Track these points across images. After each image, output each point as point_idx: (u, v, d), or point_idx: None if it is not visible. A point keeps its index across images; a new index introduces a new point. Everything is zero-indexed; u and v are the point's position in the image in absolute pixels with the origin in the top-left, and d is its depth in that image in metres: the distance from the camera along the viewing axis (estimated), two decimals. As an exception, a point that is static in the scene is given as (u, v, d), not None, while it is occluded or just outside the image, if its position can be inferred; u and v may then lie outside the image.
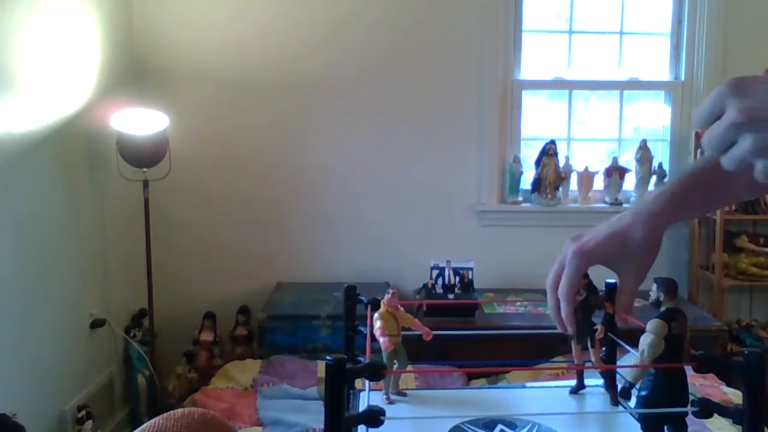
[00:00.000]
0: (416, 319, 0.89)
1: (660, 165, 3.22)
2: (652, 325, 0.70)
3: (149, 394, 2.90)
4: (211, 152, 3.15)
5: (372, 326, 0.84)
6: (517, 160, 3.18)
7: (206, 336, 3.07)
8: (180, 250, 3.18)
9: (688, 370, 0.67)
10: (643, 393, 0.69)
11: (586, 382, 0.94)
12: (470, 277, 2.91)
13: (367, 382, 0.70)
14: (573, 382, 0.94)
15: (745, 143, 0.52)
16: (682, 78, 3.24)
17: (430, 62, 3.15)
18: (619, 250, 0.75)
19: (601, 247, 0.76)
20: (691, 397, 0.67)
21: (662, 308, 0.71)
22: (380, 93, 3.16)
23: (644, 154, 3.18)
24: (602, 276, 0.98)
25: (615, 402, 0.86)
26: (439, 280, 2.89)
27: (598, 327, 0.82)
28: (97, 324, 2.68)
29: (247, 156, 3.18)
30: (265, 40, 3.12)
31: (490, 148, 3.17)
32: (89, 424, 2.44)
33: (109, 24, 2.84)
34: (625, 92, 3.32)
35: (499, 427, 0.76)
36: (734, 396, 2.15)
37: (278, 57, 3.13)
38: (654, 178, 3.22)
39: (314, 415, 2.29)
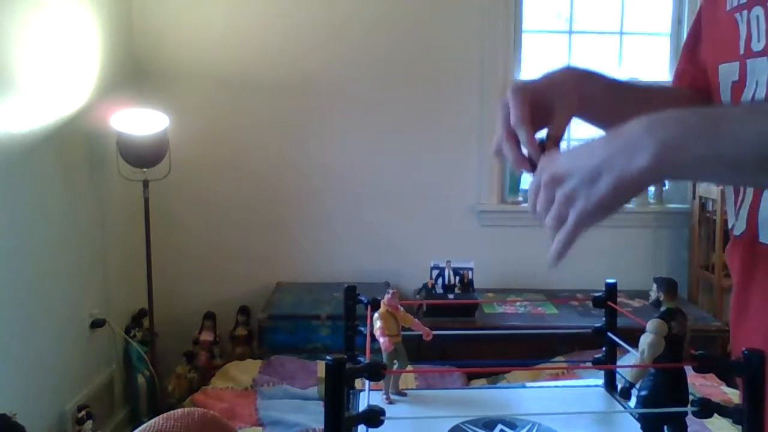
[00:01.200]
0: (416, 319, 0.89)
1: (660, 165, 3.22)
2: (652, 324, 0.70)
3: (149, 394, 2.91)
4: (211, 152, 3.15)
5: (372, 326, 0.84)
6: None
7: (206, 336, 3.07)
8: (180, 250, 3.18)
9: (688, 370, 0.67)
10: (643, 393, 0.69)
11: (585, 382, 0.93)
12: (470, 277, 2.91)
13: (367, 382, 0.70)
14: (573, 382, 0.94)
15: (556, 198, 0.66)
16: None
17: (430, 62, 3.15)
18: (551, 89, 0.82)
19: (536, 85, 0.83)
20: (691, 397, 0.67)
21: (662, 308, 0.71)
22: (380, 93, 3.16)
23: (644, 154, 3.18)
24: (602, 276, 0.99)
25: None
26: (439, 280, 2.89)
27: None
28: (97, 324, 2.68)
29: (247, 156, 3.18)
30: (265, 40, 3.12)
31: (490, 148, 3.16)
32: (89, 424, 2.44)
33: (109, 24, 2.84)
34: (625, 92, 3.32)
35: (499, 427, 0.76)
36: (734, 396, 2.15)
37: (278, 57, 3.13)
38: (654, 178, 3.22)
39: (314, 415, 2.29)
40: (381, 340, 0.82)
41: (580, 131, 3.36)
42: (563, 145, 0.80)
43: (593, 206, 0.64)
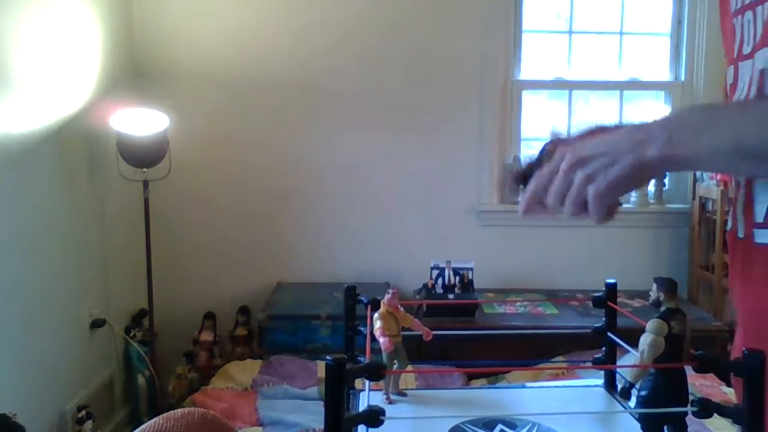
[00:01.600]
0: (416, 319, 0.89)
1: (660, 165, 3.22)
2: (652, 324, 0.70)
3: (149, 394, 2.90)
4: (211, 152, 3.15)
5: (372, 326, 0.84)
6: (517, 160, 3.18)
7: (206, 336, 3.07)
8: (180, 250, 3.18)
9: (688, 370, 0.67)
10: (643, 393, 0.69)
11: (585, 382, 0.94)
12: (470, 277, 2.91)
13: (367, 382, 0.70)
14: (573, 382, 0.94)
15: (576, 178, 0.72)
16: (682, 78, 3.24)
17: (430, 62, 3.15)
18: None
19: None
20: (691, 397, 0.67)
21: (662, 308, 0.71)
22: (380, 93, 3.16)
23: (644, 154, 3.18)
24: (602, 276, 0.99)
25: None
26: (439, 280, 2.89)
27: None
28: (97, 324, 2.68)
29: (247, 156, 3.18)
30: (266, 40, 3.12)
31: (490, 148, 3.17)
32: (89, 424, 2.44)
33: (110, 24, 2.84)
34: (625, 92, 3.32)
35: (499, 427, 0.76)
36: (734, 396, 2.15)
37: (278, 57, 3.13)
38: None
39: (314, 415, 2.29)
40: (381, 340, 0.82)
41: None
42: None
43: (607, 185, 0.71)
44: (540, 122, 3.32)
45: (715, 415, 0.63)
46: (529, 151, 3.26)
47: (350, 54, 3.14)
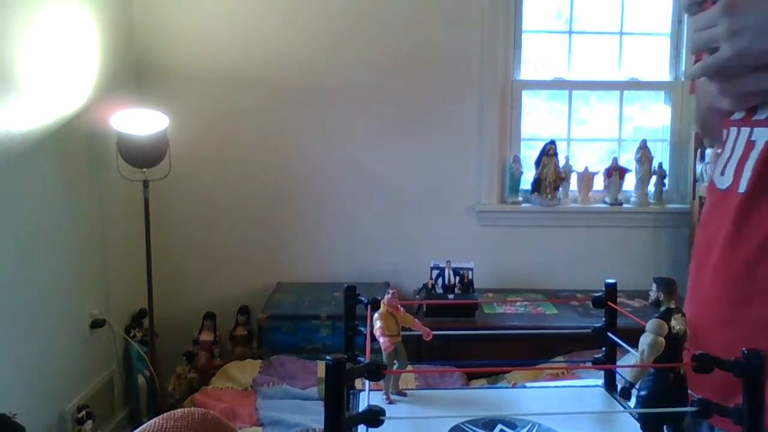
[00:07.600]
0: (416, 319, 0.89)
1: (660, 165, 3.22)
2: (651, 324, 0.70)
3: (149, 394, 2.91)
4: (211, 152, 3.15)
5: (372, 326, 0.84)
6: (517, 160, 3.18)
7: (206, 336, 3.07)
8: (180, 250, 3.18)
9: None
10: (643, 393, 0.69)
11: (585, 382, 0.93)
12: (470, 277, 2.91)
13: (367, 382, 0.70)
14: (573, 382, 0.94)
15: (722, 26, 0.69)
16: (682, 78, 3.24)
17: (430, 62, 3.15)
18: None
19: None
20: (691, 397, 0.67)
21: (662, 308, 0.71)
22: (380, 93, 3.16)
23: (644, 154, 3.19)
24: (602, 276, 0.99)
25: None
26: (439, 280, 2.89)
27: None
28: (97, 324, 2.68)
29: (247, 156, 3.18)
30: (266, 40, 3.12)
31: (490, 148, 3.17)
32: (89, 424, 2.44)
33: (109, 24, 2.84)
34: (625, 92, 3.32)
35: (499, 427, 0.76)
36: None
37: (278, 57, 3.13)
38: (654, 178, 3.23)
39: (314, 415, 2.29)
40: (381, 340, 0.82)
41: (581, 132, 3.32)
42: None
43: (755, 51, 0.69)
44: (540, 122, 3.32)
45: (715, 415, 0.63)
46: (528, 151, 3.27)
47: (350, 54, 3.14)
